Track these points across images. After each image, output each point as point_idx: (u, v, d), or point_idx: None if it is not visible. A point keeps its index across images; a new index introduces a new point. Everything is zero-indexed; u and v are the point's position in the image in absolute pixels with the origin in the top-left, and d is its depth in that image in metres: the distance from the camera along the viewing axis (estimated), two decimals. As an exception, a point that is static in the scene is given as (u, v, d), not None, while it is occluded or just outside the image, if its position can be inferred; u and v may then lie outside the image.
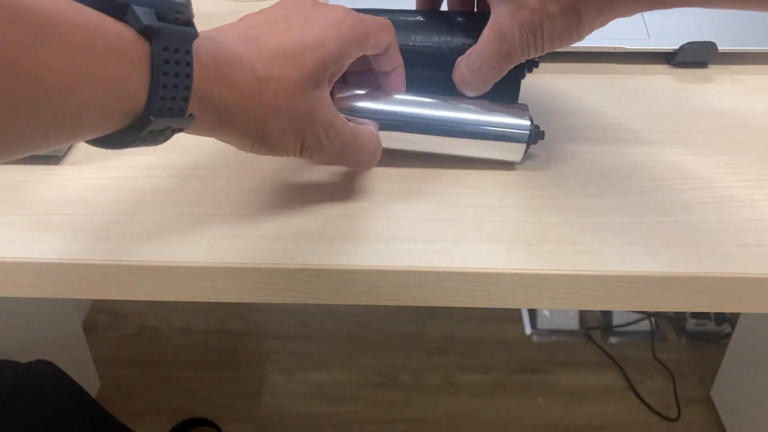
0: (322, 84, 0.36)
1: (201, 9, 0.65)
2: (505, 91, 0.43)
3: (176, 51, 0.28)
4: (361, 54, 0.38)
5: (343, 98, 0.41)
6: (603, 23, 0.38)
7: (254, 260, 0.37)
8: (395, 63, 0.41)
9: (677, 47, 0.55)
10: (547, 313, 1.35)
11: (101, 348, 1.25)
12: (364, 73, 0.43)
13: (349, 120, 0.40)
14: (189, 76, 0.28)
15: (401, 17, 0.44)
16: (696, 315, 1.32)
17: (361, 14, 0.38)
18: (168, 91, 0.27)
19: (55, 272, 0.37)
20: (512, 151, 0.43)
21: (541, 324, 1.33)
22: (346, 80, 0.44)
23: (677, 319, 1.34)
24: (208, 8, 0.65)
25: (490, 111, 0.42)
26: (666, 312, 1.35)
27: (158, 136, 0.29)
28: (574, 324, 1.33)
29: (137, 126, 0.28)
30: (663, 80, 0.54)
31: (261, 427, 1.16)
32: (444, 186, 0.43)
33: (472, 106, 0.43)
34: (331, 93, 0.41)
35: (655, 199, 0.42)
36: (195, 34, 0.29)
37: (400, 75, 0.42)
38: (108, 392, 1.20)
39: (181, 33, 0.28)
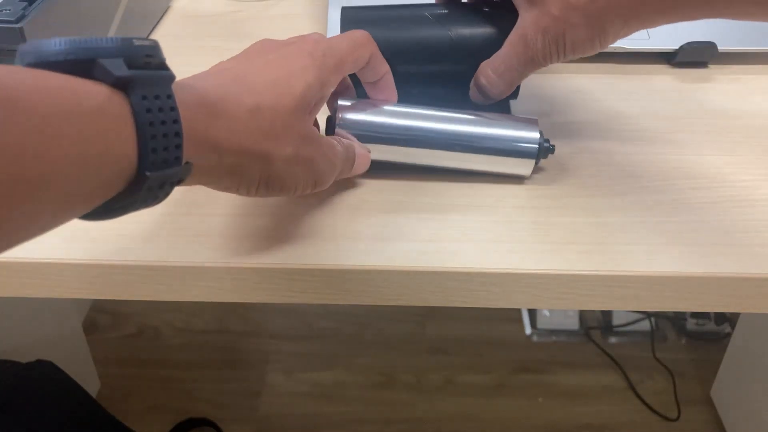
0: (310, 112, 0.35)
1: (201, 9, 0.65)
2: None
3: (156, 97, 0.26)
4: (341, 78, 0.38)
5: (348, 113, 0.41)
6: (627, 33, 0.37)
7: (254, 260, 0.37)
8: (381, 71, 0.41)
9: (677, 47, 0.55)
10: (547, 313, 1.35)
11: (101, 348, 1.25)
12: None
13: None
14: (177, 121, 0.26)
15: (416, 11, 0.44)
16: (696, 315, 1.32)
17: (334, 38, 0.37)
18: (158, 142, 0.26)
19: (55, 272, 0.37)
20: (521, 167, 0.42)
21: (541, 324, 1.33)
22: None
23: (677, 319, 1.34)
24: (208, 8, 0.65)
25: (500, 125, 0.42)
26: (666, 312, 1.35)
27: (158, 193, 0.27)
28: (574, 324, 1.33)
29: (133, 187, 0.26)
30: (663, 80, 0.54)
31: (261, 427, 1.16)
32: (445, 185, 0.43)
33: (480, 119, 0.42)
34: (338, 110, 0.41)
35: (655, 199, 0.42)
36: (172, 76, 0.27)
37: (389, 82, 0.42)
38: (108, 392, 1.20)
39: (157, 78, 0.26)
